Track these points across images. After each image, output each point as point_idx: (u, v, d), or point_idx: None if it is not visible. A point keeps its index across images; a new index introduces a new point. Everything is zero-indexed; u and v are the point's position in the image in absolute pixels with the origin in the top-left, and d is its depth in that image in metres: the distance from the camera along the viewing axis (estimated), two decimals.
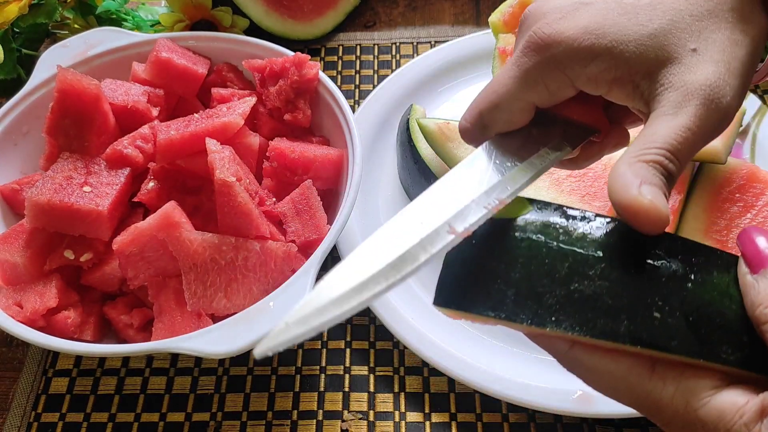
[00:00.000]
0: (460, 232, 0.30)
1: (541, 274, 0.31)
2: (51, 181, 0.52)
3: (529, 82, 0.35)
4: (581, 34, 0.33)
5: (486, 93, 0.37)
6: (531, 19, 0.36)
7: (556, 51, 0.34)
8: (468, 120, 0.37)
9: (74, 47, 0.64)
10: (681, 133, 0.31)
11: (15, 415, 0.55)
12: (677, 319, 0.30)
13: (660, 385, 0.30)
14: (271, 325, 0.45)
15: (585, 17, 0.34)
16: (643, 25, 0.32)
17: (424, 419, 0.53)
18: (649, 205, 0.29)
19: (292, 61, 0.60)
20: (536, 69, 0.34)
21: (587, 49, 0.33)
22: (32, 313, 0.49)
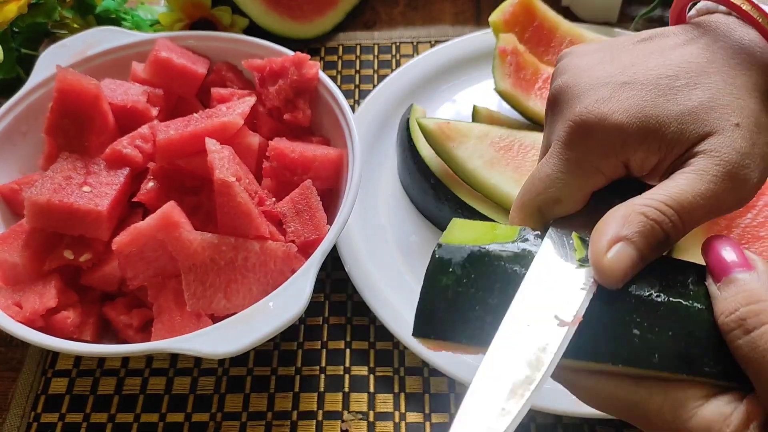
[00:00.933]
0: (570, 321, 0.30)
1: None
2: (50, 181, 0.51)
3: (583, 173, 0.34)
4: (628, 118, 0.32)
5: (538, 190, 0.35)
6: (565, 102, 0.35)
7: (604, 137, 0.33)
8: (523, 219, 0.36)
9: (73, 47, 0.64)
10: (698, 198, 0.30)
11: (14, 416, 0.55)
12: (656, 335, 0.29)
13: (646, 396, 0.30)
14: (271, 325, 0.45)
15: (624, 100, 0.33)
16: (683, 104, 0.32)
17: (424, 420, 0.53)
18: (605, 265, 0.29)
19: (291, 60, 0.60)
20: (588, 158, 0.34)
21: (635, 132, 0.32)
22: (31, 313, 0.49)
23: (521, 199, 0.36)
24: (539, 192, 0.35)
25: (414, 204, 0.65)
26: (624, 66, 0.34)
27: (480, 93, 0.73)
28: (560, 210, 0.35)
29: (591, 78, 0.35)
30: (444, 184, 0.61)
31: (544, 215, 0.35)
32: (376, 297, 0.57)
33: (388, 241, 0.62)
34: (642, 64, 0.34)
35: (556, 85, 0.36)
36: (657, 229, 0.30)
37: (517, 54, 0.66)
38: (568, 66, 0.37)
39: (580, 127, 0.33)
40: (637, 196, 0.31)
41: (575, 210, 0.35)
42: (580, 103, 0.34)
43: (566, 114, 0.35)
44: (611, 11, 0.80)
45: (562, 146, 0.34)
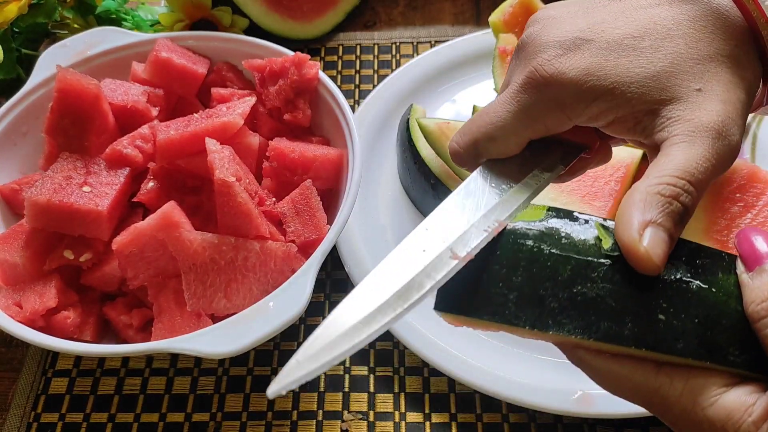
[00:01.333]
0: (462, 257, 0.31)
1: (543, 278, 0.31)
2: (50, 181, 0.51)
3: (527, 119, 0.35)
4: (583, 75, 0.33)
5: (481, 123, 0.37)
6: (530, 50, 0.36)
7: (558, 91, 0.34)
8: (461, 146, 0.38)
9: (74, 47, 0.64)
10: (701, 162, 0.31)
11: (14, 416, 0.55)
12: (682, 321, 0.29)
13: (667, 382, 0.30)
14: (271, 325, 0.45)
15: (586, 57, 0.34)
16: (644, 67, 0.33)
17: (424, 419, 0.53)
18: (643, 254, 0.29)
19: (291, 60, 0.60)
20: (536, 107, 0.35)
21: (589, 90, 0.33)
22: (32, 313, 0.49)
23: (464, 127, 0.38)
24: (481, 125, 0.36)
25: (414, 204, 0.65)
26: (593, 22, 0.35)
27: (480, 93, 0.73)
28: (493, 148, 0.36)
29: (559, 30, 0.36)
30: (444, 184, 0.61)
31: (477, 149, 0.37)
32: None
33: (388, 241, 0.62)
34: (611, 21, 0.35)
35: (526, 33, 0.38)
36: (677, 205, 0.30)
37: None
38: (541, 16, 0.38)
39: (536, 77, 0.34)
40: (640, 181, 0.32)
41: (506, 154, 0.36)
42: (542, 54, 0.35)
43: (527, 62, 0.36)
44: None
45: (516, 90, 0.35)
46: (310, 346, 0.28)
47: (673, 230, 0.30)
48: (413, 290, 0.30)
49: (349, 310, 0.30)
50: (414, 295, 0.30)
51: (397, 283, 0.30)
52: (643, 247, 0.29)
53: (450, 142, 0.38)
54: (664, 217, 0.30)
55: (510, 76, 0.38)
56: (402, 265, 0.31)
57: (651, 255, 0.29)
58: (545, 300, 0.31)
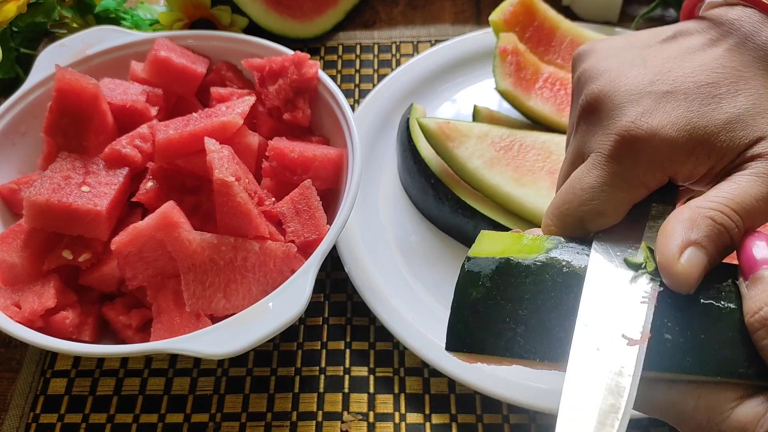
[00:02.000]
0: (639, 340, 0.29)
1: (548, 309, 0.31)
2: (49, 180, 0.51)
3: (629, 187, 0.34)
4: (677, 132, 0.32)
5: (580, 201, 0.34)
6: (605, 108, 0.34)
7: (653, 153, 0.33)
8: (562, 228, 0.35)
9: (73, 46, 0.64)
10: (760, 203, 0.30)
11: (13, 416, 0.55)
12: (689, 338, 0.29)
13: (680, 398, 0.30)
14: (271, 325, 0.45)
15: (670, 111, 0.33)
16: (729, 112, 0.32)
17: (424, 420, 0.53)
18: (678, 271, 0.29)
19: (291, 60, 0.60)
20: (634, 173, 0.33)
21: (683, 144, 0.32)
22: (30, 313, 0.49)
23: (560, 208, 0.35)
24: (582, 203, 0.34)
25: (414, 204, 0.65)
26: (660, 71, 0.34)
27: (480, 92, 0.73)
28: (603, 222, 0.34)
29: (629, 86, 0.34)
30: (444, 184, 0.60)
31: (584, 226, 0.35)
32: (376, 297, 0.57)
33: (388, 241, 0.62)
34: (678, 69, 0.34)
35: (591, 91, 0.36)
36: (724, 234, 0.30)
37: (518, 53, 0.65)
38: (597, 69, 0.36)
39: (627, 141, 0.33)
40: (697, 199, 0.31)
41: (616, 222, 0.35)
42: (624, 116, 0.33)
43: (608, 125, 0.34)
44: (612, 11, 0.80)
45: (606, 159, 0.34)
46: None
47: (714, 256, 0.30)
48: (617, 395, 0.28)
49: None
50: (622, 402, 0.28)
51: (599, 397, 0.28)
52: (680, 264, 0.29)
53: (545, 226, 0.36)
54: (708, 241, 0.30)
55: (584, 144, 0.36)
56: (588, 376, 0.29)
57: (687, 274, 0.29)
58: (552, 330, 0.31)
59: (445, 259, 0.61)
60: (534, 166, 0.59)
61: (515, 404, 0.51)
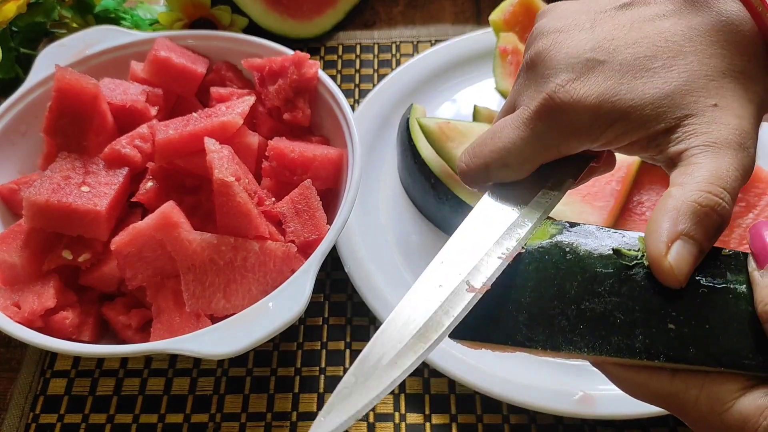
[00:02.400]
0: (479, 288, 0.31)
1: (550, 296, 0.31)
2: (49, 180, 0.51)
3: (542, 147, 0.35)
4: (599, 102, 0.33)
5: (494, 147, 0.36)
6: (540, 71, 0.35)
7: (573, 118, 0.33)
8: (471, 168, 0.37)
9: (72, 46, 0.64)
10: (731, 170, 0.30)
11: (13, 416, 0.55)
12: (693, 327, 0.29)
13: (682, 388, 0.30)
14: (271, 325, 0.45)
15: (601, 81, 0.33)
16: (659, 87, 0.32)
17: (424, 420, 0.53)
18: (666, 268, 0.29)
19: (291, 60, 0.60)
20: (551, 134, 0.34)
21: (605, 115, 0.33)
22: (30, 313, 0.49)
23: (475, 149, 0.37)
24: (493, 150, 0.36)
25: (414, 204, 0.65)
26: (604, 38, 0.34)
27: (480, 92, 0.73)
28: (505, 174, 0.36)
29: (569, 48, 0.35)
30: (444, 184, 0.60)
31: (489, 173, 0.36)
32: (376, 297, 0.57)
33: (388, 241, 0.62)
34: (621, 37, 0.34)
35: (535, 48, 0.36)
36: (712, 215, 0.30)
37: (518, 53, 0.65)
38: (548, 27, 0.37)
39: (552, 104, 0.34)
40: (674, 188, 0.31)
41: (517, 178, 0.36)
42: (556, 77, 0.34)
43: (541, 85, 0.35)
44: None
45: (530, 116, 0.35)
46: (333, 399, 0.29)
47: (705, 243, 0.30)
48: (432, 330, 0.30)
49: (372, 356, 0.30)
50: (434, 334, 0.30)
51: (415, 324, 0.30)
52: (668, 261, 0.29)
53: (459, 162, 0.38)
54: (697, 228, 0.29)
55: (519, 95, 0.37)
56: (420, 303, 0.31)
57: (675, 270, 0.29)
58: (555, 319, 0.31)
59: None
60: None
61: (515, 404, 0.51)
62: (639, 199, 0.59)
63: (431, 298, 0.31)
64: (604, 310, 0.30)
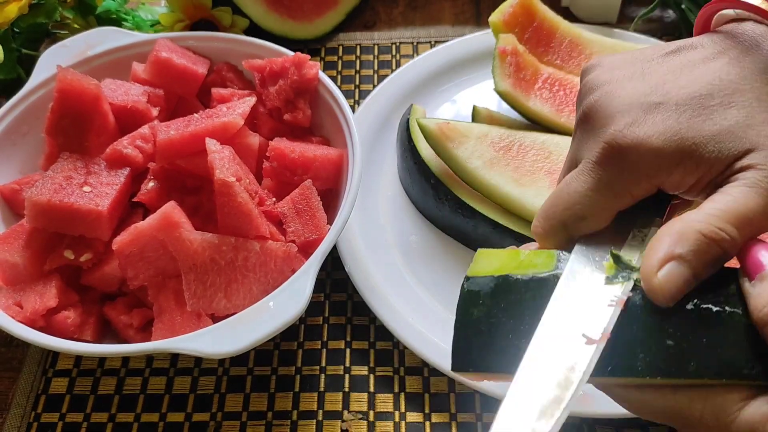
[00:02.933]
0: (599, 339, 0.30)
1: None
2: (51, 181, 0.51)
3: (613, 194, 0.34)
4: (663, 142, 0.32)
5: (566, 204, 0.35)
6: (598, 121, 0.35)
7: (639, 162, 0.33)
8: (548, 232, 0.36)
9: (74, 47, 0.64)
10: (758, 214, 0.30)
11: (15, 416, 0.55)
12: (690, 343, 0.29)
13: (686, 403, 0.30)
14: (271, 325, 0.45)
15: (660, 122, 0.33)
16: (718, 123, 0.32)
17: (424, 419, 0.53)
18: (654, 286, 0.29)
19: (292, 61, 0.60)
20: (619, 181, 0.34)
21: (670, 156, 0.32)
22: (32, 313, 0.49)
23: (547, 210, 0.36)
24: (566, 207, 0.35)
25: (414, 204, 0.65)
26: (655, 84, 0.34)
27: (480, 93, 0.73)
28: (585, 227, 0.35)
29: (623, 97, 0.35)
30: (444, 184, 0.61)
31: (568, 230, 0.35)
32: (376, 297, 0.57)
33: (388, 241, 0.62)
34: (673, 81, 0.34)
35: (588, 102, 0.36)
36: (714, 247, 0.30)
37: (517, 54, 0.66)
38: (597, 81, 0.37)
39: (614, 149, 0.33)
40: (691, 212, 0.31)
41: (599, 228, 0.35)
42: (614, 125, 0.34)
43: (599, 134, 0.35)
44: (611, 12, 0.80)
45: (593, 165, 0.34)
46: None
47: (699, 269, 0.30)
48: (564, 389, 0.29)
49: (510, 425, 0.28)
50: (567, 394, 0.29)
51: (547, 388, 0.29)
52: (657, 278, 0.29)
53: (534, 228, 0.37)
54: (693, 255, 0.29)
55: (577, 151, 0.37)
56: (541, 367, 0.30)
57: (663, 287, 0.29)
58: None
59: (445, 259, 0.61)
60: (533, 166, 0.60)
61: None
62: None
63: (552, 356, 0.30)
64: None
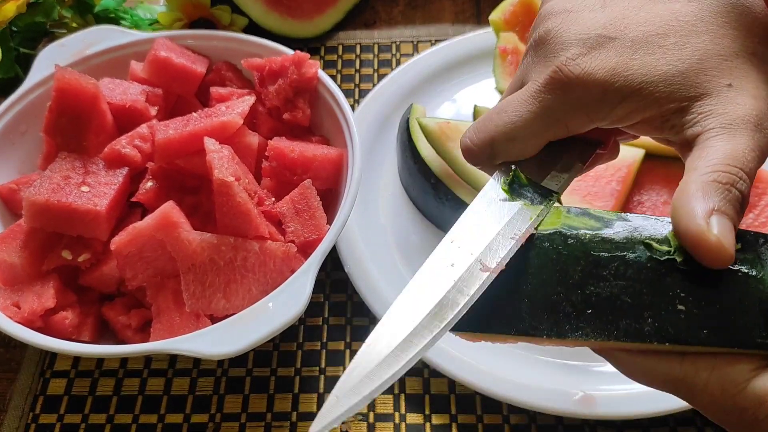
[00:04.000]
0: (493, 268, 0.30)
1: (553, 282, 0.30)
2: (49, 180, 0.51)
3: (550, 121, 0.34)
4: (610, 77, 0.32)
5: (500, 121, 0.35)
6: (550, 47, 0.35)
7: (583, 93, 0.33)
8: (475, 144, 0.36)
9: (72, 46, 0.64)
10: (747, 151, 0.30)
11: (13, 417, 0.55)
12: (703, 308, 0.28)
13: (692, 371, 0.29)
14: (271, 325, 0.45)
15: (612, 56, 0.33)
16: (672, 64, 0.32)
17: (424, 421, 0.53)
18: (714, 243, 0.28)
19: (291, 60, 0.60)
20: (559, 109, 0.34)
21: (616, 91, 0.32)
22: (30, 313, 0.49)
23: (479, 124, 0.36)
24: (500, 124, 0.35)
25: (414, 204, 0.65)
26: (614, 17, 0.34)
27: (480, 92, 0.73)
28: (512, 149, 0.35)
29: (580, 25, 0.34)
30: (444, 184, 0.60)
31: (494, 148, 0.35)
32: (376, 297, 0.57)
33: (388, 241, 0.62)
34: (632, 16, 0.34)
35: (544, 26, 0.36)
36: (735, 192, 0.29)
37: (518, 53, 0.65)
38: (556, 9, 0.36)
39: (561, 77, 0.33)
40: (690, 170, 0.30)
41: (523, 155, 0.35)
42: (565, 52, 0.34)
43: (550, 60, 0.34)
44: None
45: (538, 89, 0.34)
46: (348, 379, 0.28)
47: (735, 219, 0.29)
48: (447, 309, 0.29)
49: (384, 337, 0.29)
50: (449, 314, 0.29)
51: (429, 302, 0.29)
52: (714, 235, 0.28)
53: (463, 138, 0.37)
54: (727, 204, 0.29)
55: (526, 72, 0.36)
56: (432, 283, 0.30)
57: (723, 243, 0.28)
58: (559, 305, 0.30)
59: None
60: None
61: (515, 404, 0.51)
62: (639, 199, 0.59)
63: (444, 277, 0.30)
64: (611, 294, 0.29)
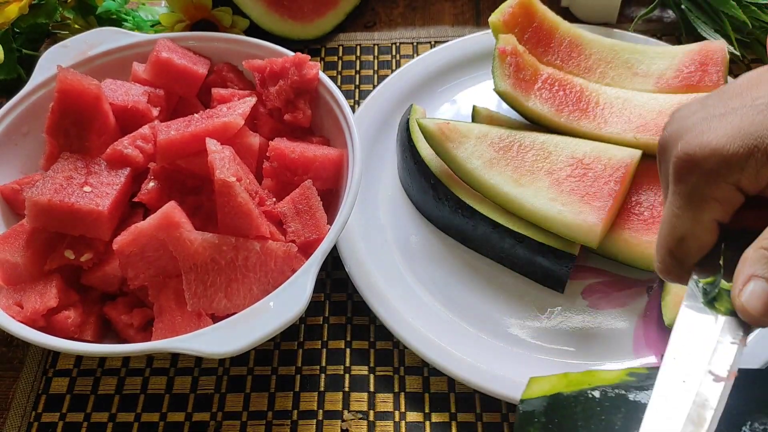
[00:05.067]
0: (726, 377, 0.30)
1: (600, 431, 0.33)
2: (51, 181, 0.52)
3: (698, 204, 0.35)
4: (727, 140, 0.33)
5: (663, 232, 0.37)
6: (671, 142, 0.36)
7: (708, 163, 0.34)
8: (662, 262, 0.37)
9: (74, 47, 0.64)
10: None
11: (15, 415, 0.55)
12: None
13: None
14: (272, 325, 0.45)
15: (723, 126, 0.34)
16: None
17: (424, 419, 0.53)
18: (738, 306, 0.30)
19: (292, 61, 0.60)
20: (698, 188, 0.34)
21: (736, 152, 0.33)
22: (32, 312, 0.49)
23: (656, 244, 0.38)
24: (663, 234, 0.36)
25: (414, 204, 0.66)
26: (727, 99, 0.35)
27: (480, 93, 0.73)
28: (688, 249, 0.36)
29: (694, 119, 0.36)
30: (444, 184, 0.61)
31: (677, 258, 0.36)
32: (376, 297, 0.57)
33: (388, 241, 0.62)
34: (746, 94, 0.35)
35: (662, 136, 0.37)
36: None
37: (517, 54, 0.66)
38: (674, 116, 0.38)
39: (683, 160, 0.34)
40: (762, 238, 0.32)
41: (703, 246, 0.35)
42: (681, 141, 0.35)
43: (671, 155, 0.36)
44: (610, 12, 0.80)
45: (672, 185, 0.35)
46: None
47: None
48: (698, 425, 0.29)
49: None
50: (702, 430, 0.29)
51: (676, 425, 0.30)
52: (739, 300, 0.30)
53: (654, 265, 0.38)
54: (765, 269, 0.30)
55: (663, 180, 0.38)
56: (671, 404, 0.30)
57: (746, 307, 0.30)
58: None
59: (445, 259, 0.62)
60: (533, 166, 0.60)
61: (515, 403, 0.51)
62: (637, 200, 0.59)
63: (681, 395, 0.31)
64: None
